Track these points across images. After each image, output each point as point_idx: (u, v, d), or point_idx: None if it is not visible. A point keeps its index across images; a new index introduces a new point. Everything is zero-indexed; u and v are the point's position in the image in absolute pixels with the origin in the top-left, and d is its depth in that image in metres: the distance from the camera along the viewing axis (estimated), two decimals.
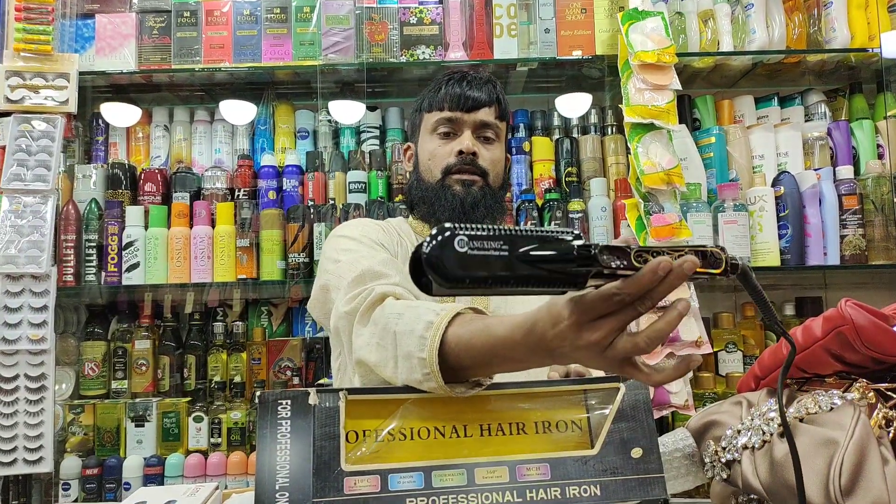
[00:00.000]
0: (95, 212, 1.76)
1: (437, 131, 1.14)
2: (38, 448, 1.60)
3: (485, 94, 1.12)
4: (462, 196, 1.09)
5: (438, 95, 1.14)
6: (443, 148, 1.12)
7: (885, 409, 0.66)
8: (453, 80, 1.14)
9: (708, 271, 0.57)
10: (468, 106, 1.11)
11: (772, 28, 1.77)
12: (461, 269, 0.49)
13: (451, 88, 1.13)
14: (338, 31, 1.80)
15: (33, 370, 1.61)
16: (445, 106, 1.12)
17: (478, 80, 1.14)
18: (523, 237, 0.51)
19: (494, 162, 1.14)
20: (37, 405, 1.61)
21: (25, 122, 1.68)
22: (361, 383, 0.83)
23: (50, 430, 1.61)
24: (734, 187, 1.69)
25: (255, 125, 1.93)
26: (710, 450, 0.77)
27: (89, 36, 1.80)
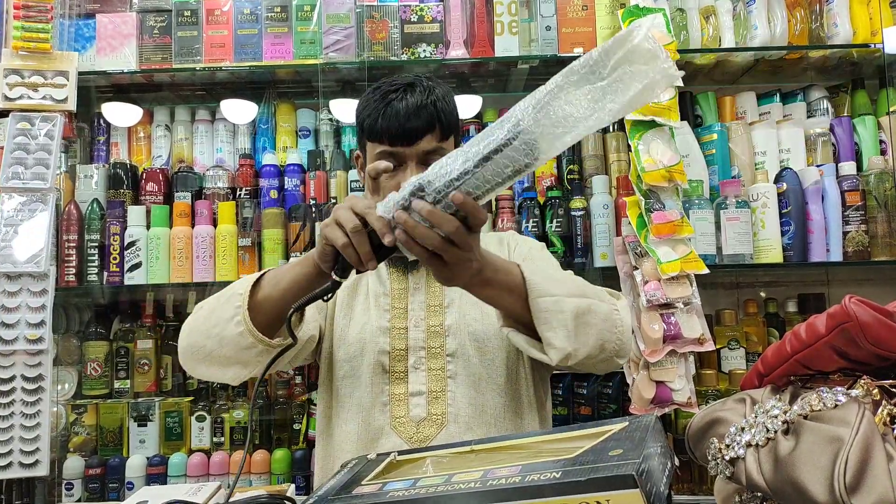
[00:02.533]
0: (97, 212, 1.76)
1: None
2: (35, 451, 1.57)
3: (423, 121, 1.03)
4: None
5: (377, 125, 1.04)
6: (390, 181, 1.04)
7: (889, 405, 0.66)
8: (390, 107, 1.04)
9: None
10: (408, 139, 1.03)
11: (773, 24, 1.76)
12: None
13: (388, 117, 1.03)
14: (338, 30, 1.80)
15: (30, 371, 1.59)
16: (385, 140, 1.05)
17: (414, 106, 1.03)
18: None
19: None
20: (33, 407, 1.58)
21: (24, 121, 1.67)
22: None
23: (47, 432, 1.59)
24: (736, 184, 1.69)
25: (257, 124, 1.93)
26: (714, 447, 0.76)
27: (90, 36, 1.80)
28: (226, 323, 0.90)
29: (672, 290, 1.53)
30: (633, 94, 0.62)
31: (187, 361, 0.97)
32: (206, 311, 0.95)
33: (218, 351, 0.92)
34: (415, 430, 1.05)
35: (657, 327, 1.52)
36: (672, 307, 1.55)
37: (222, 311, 0.92)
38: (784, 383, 0.80)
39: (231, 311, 0.90)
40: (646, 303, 1.53)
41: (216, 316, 0.92)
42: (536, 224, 1.73)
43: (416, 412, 1.05)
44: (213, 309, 0.94)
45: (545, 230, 1.74)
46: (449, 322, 1.09)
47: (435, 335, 1.09)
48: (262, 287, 0.92)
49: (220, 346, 0.92)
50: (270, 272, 0.93)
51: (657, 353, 1.53)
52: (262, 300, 0.91)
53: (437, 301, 1.11)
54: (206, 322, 0.93)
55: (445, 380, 1.07)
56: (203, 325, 0.94)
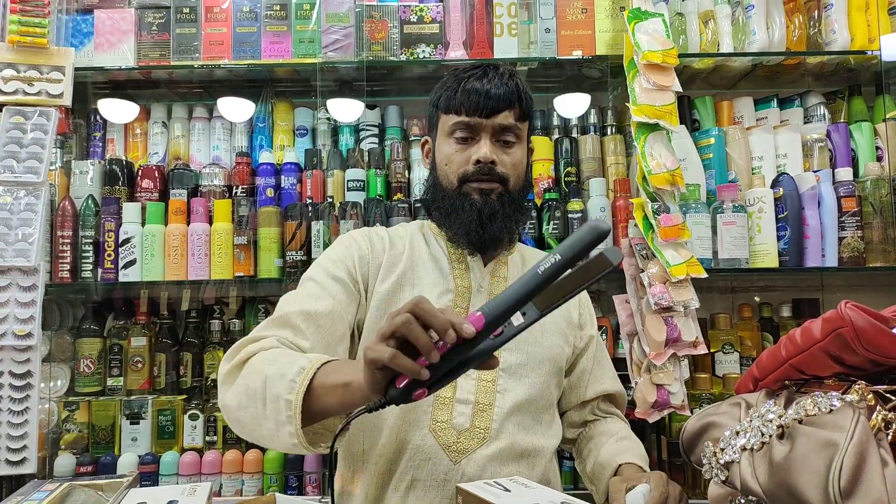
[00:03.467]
0: (92, 208, 1.76)
1: (455, 135, 1.08)
2: (22, 448, 1.56)
3: (504, 95, 1.05)
4: (479, 206, 1.06)
5: (456, 97, 1.06)
6: (460, 154, 1.07)
7: (884, 410, 0.66)
8: (472, 77, 1.07)
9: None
10: (486, 111, 1.05)
11: (772, 29, 1.77)
12: None
13: (468, 90, 1.05)
14: (338, 29, 1.80)
15: (18, 367, 1.57)
16: (462, 110, 1.05)
17: (498, 80, 1.06)
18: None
19: (515, 165, 1.09)
20: (21, 403, 1.56)
21: (18, 115, 1.66)
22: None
23: (35, 429, 1.57)
24: (733, 188, 1.69)
25: (254, 122, 1.93)
26: (709, 451, 0.76)
27: (88, 31, 1.79)
28: (276, 430, 0.83)
29: (678, 294, 1.53)
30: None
31: (232, 427, 0.94)
32: (252, 397, 0.87)
33: (269, 441, 0.87)
34: (455, 439, 1.01)
35: (661, 330, 1.52)
36: (672, 310, 1.55)
37: (269, 416, 0.84)
38: (779, 388, 0.80)
39: (282, 419, 0.82)
40: (653, 305, 1.53)
41: (268, 413, 0.84)
42: (533, 226, 1.73)
43: (459, 420, 1.01)
44: (259, 401, 0.85)
45: (542, 232, 1.74)
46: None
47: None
48: (314, 397, 0.82)
49: (271, 442, 0.87)
50: (320, 376, 0.82)
51: (661, 356, 1.53)
52: (311, 405, 0.83)
53: None
54: (258, 411, 0.86)
55: (495, 394, 1.04)
56: (254, 413, 0.86)
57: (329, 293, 1.03)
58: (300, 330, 0.97)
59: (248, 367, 0.90)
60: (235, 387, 0.90)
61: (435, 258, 1.12)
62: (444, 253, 1.12)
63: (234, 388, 0.91)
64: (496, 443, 1.02)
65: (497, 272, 1.12)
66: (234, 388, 0.91)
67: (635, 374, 1.58)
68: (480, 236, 1.07)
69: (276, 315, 1.00)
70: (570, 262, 0.65)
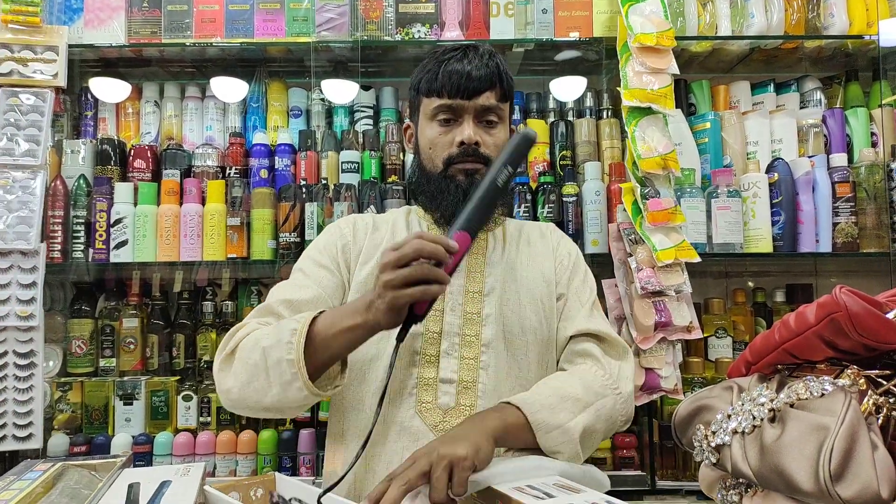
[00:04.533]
0: (84, 188, 1.74)
1: (437, 118, 1.08)
2: (28, 425, 1.60)
3: (485, 76, 1.05)
4: (465, 186, 1.06)
5: (437, 79, 1.06)
6: (443, 137, 1.07)
7: (875, 395, 0.67)
8: (452, 59, 1.06)
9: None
10: (468, 93, 1.04)
11: (770, 13, 1.76)
12: None
13: (449, 72, 1.05)
14: (332, 8, 1.77)
15: (22, 347, 1.60)
16: (444, 92, 1.05)
17: (478, 61, 1.05)
18: None
19: (498, 146, 1.08)
20: (26, 382, 1.60)
21: (14, 96, 1.65)
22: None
23: (39, 406, 1.61)
24: (728, 173, 1.69)
25: (248, 103, 1.91)
26: (700, 434, 0.77)
27: (77, 7, 1.76)
28: (283, 392, 0.90)
29: (666, 278, 1.53)
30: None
31: (236, 409, 0.98)
32: (253, 371, 0.92)
33: (276, 406, 0.92)
34: (441, 419, 1.01)
35: (649, 314, 1.53)
36: (663, 295, 1.56)
37: (274, 382, 0.90)
38: (771, 372, 0.80)
39: (287, 379, 0.89)
40: (640, 290, 1.53)
41: (272, 380, 0.90)
42: (528, 209, 1.73)
43: (444, 400, 1.02)
44: (261, 371, 0.91)
45: (536, 216, 1.74)
46: (487, 311, 1.06)
47: (471, 323, 1.05)
48: (314, 350, 0.89)
49: (280, 404, 0.92)
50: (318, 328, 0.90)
51: (649, 340, 1.53)
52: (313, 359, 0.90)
53: (477, 287, 1.08)
54: (261, 382, 0.91)
55: (478, 370, 1.03)
56: (258, 385, 0.91)
57: (315, 281, 1.06)
58: (283, 317, 1.00)
59: (241, 350, 0.95)
60: (233, 369, 0.94)
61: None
62: None
63: (231, 371, 0.95)
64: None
65: (474, 248, 1.11)
66: (231, 371, 0.95)
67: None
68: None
69: (261, 305, 1.05)
70: (517, 168, 0.86)
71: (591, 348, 1.06)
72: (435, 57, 1.10)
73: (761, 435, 0.68)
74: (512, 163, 0.85)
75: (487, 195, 0.85)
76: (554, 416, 0.93)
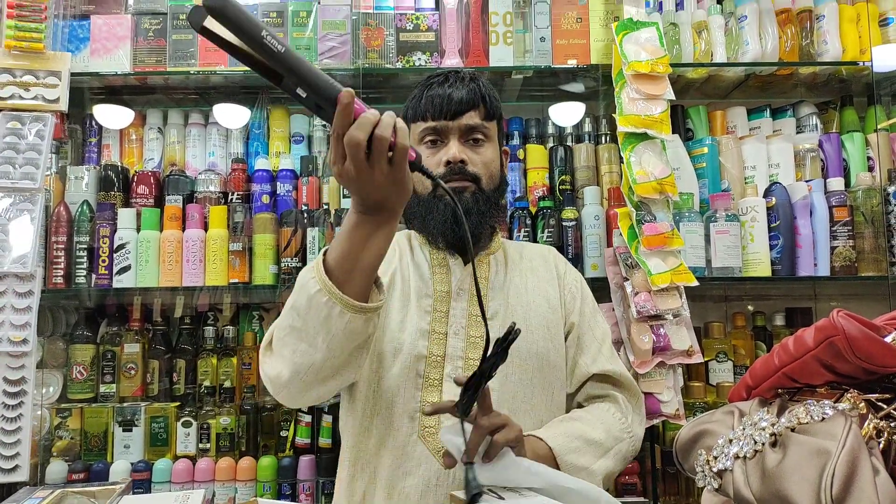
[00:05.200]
0: (87, 214, 1.75)
1: (424, 141, 1.10)
2: (15, 456, 1.54)
3: (467, 96, 1.07)
4: (452, 205, 1.05)
5: (421, 104, 1.09)
6: (431, 158, 1.09)
7: (875, 419, 0.67)
8: (434, 84, 1.10)
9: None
10: (451, 113, 1.07)
11: (765, 40, 1.79)
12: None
13: (431, 96, 1.08)
14: (334, 37, 1.80)
15: (13, 373, 1.56)
16: (428, 115, 1.08)
17: (459, 83, 1.09)
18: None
19: (486, 164, 1.10)
20: (14, 410, 1.55)
21: (14, 120, 1.65)
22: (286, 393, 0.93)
23: (27, 436, 1.55)
24: (726, 197, 1.70)
25: (250, 129, 1.93)
26: (702, 459, 0.77)
27: (84, 37, 1.79)
28: (328, 332, 0.83)
29: (662, 302, 1.53)
30: None
31: (294, 398, 0.93)
32: (292, 335, 0.87)
33: (330, 361, 0.86)
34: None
35: (646, 339, 1.53)
36: (661, 319, 1.56)
37: (313, 320, 0.84)
38: (772, 396, 0.80)
39: (324, 310, 0.82)
40: (636, 314, 1.54)
41: (312, 329, 0.85)
42: (528, 234, 1.74)
43: (447, 424, 1.00)
44: (300, 329, 0.86)
45: (536, 240, 1.75)
46: (491, 335, 1.06)
47: (475, 346, 1.05)
48: (338, 278, 0.83)
49: (332, 354, 0.86)
50: (331, 254, 0.85)
51: (646, 364, 1.53)
52: (341, 273, 0.84)
53: (479, 311, 1.08)
54: (305, 340, 0.86)
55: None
56: (303, 347, 0.86)
57: None
58: None
59: (276, 331, 0.92)
60: (275, 352, 0.91)
61: (417, 264, 1.13)
62: (426, 259, 1.13)
63: (274, 355, 0.91)
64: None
65: (478, 272, 1.12)
66: (274, 355, 0.91)
67: None
68: (456, 233, 1.07)
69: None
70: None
71: (611, 391, 1.12)
72: (420, 86, 1.13)
73: (763, 460, 0.68)
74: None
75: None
76: (580, 458, 0.99)
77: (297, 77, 0.72)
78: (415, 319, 1.06)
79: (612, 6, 1.80)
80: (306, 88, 0.73)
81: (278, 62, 0.70)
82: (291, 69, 0.71)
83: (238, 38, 0.68)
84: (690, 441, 0.82)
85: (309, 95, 0.73)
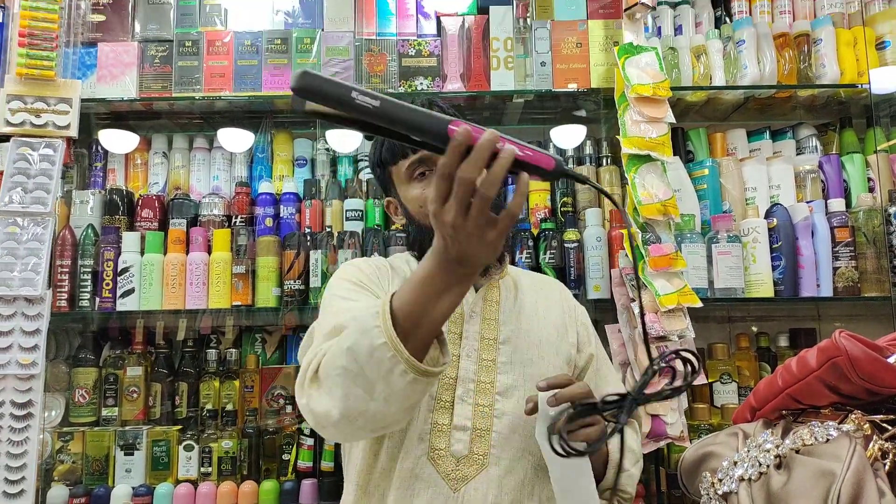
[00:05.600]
0: (92, 237, 1.76)
1: (414, 177, 1.07)
2: (21, 480, 1.54)
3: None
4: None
5: (395, 143, 1.06)
6: (428, 189, 1.06)
7: (880, 440, 0.66)
8: None
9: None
10: None
11: (763, 64, 1.81)
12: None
13: None
14: (337, 62, 1.83)
15: (20, 396, 1.56)
16: (409, 150, 1.06)
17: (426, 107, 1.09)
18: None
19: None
20: (21, 433, 1.55)
21: (25, 146, 1.68)
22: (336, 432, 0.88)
23: (34, 460, 1.55)
24: (727, 219, 1.71)
25: (254, 153, 1.95)
26: (707, 482, 0.76)
27: (91, 64, 1.82)
28: (387, 379, 0.78)
29: (669, 323, 1.53)
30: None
31: (343, 435, 0.90)
32: (346, 377, 0.81)
33: (386, 410, 0.81)
34: (454, 467, 1.00)
35: None
36: (667, 340, 1.55)
37: (372, 369, 0.78)
38: (776, 417, 0.80)
39: (386, 364, 0.77)
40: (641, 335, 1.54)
41: (371, 377, 0.79)
42: (530, 255, 1.75)
43: (457, 448, 1.00)
44: (355, 374, 0.80)
45: (538, 261, 1.75)
46: (503, 360, 1.06)
47: (486, 370, 1.05)
48: (403, 331, 0.78)
49: (390, 407, 0.81)
50: (400, 305, 0.78)
51: (654, 385, 1.52)
52: (406, 342, 0.78)
53: (492, 335, 1.08)
54: (360, 386, 0.80)
55: (492, 419, 1.02)
56: (358, 392, 0.81)
57: (364, 300, 1.01)
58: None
59: (324, 366, 0.85)
60: (324, 388, 0.84)
61: None
62: None
63: (324, 390, 0.84)
64: (496, 468, 1.01)
65: (489, 296, 1.12)
66: (324, 390, 0.84)
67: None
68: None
69: (325, 331, 0.94)
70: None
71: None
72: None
73: (768, 482, 0.68)
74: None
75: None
76: (627, 461, 1.07)
77: (403, 126, 0.66)
78: None
79: (611, 31, 1.83)
80: (416, 134, 0.66)
81: (378, 117, 0.65)
82: (393, 120, 0.65)
83: (335, 109, 0.65)
84: (695, 463, 0.82)
85: (423, 140, 0.67)
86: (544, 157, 0.70)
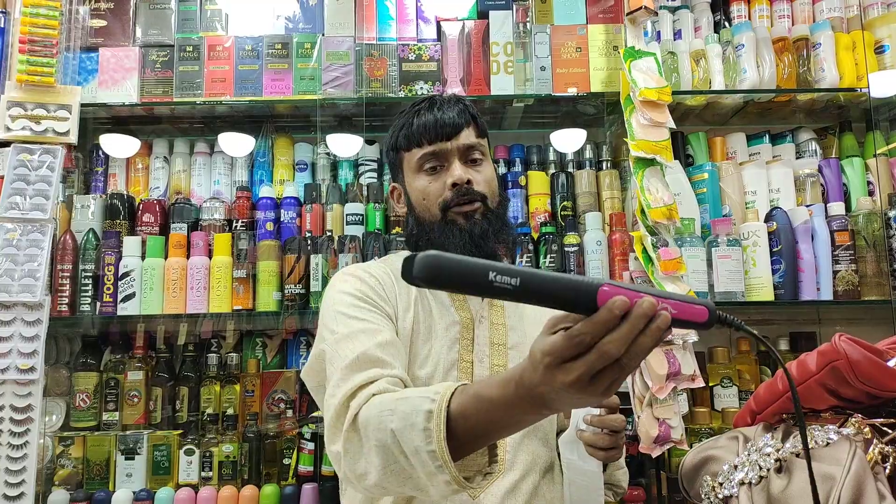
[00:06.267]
0: (93, 242, 1.77)
1: (424, 168, 1.08)
2: (20, 483, 1.54)
3: (458, 115, 1.07)
4: (468, 228, 1.05)
5: (414, 130, 1.07)
6: (434, 184, 1.07)
7: (880, 444, 0.67)
8: (422, 110, 1.09)
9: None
10: (448, 133, 1.06)
11: (762, 68, 1.81)
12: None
13: (424, 121, 1.06)
14: (338, 67, 1.83)
15: (20, 401, 1.56)
16: (424, 140, 1.07)
17: (446, 105, 1.08)
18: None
19: (488, 182, 1.09)
20: (21, 438, 1.55)
21: (25, 152, 1.68)
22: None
23: (33, 464, 1.55)
24: (727, 222, 1.71)
25: (255, 157, 1.95)
26: (707, 485, 0.76)
27: (92, 69, 1.82)
28: (429, 479, 0.76)
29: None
30: None
31: (373, 494, 0.91)
32: (387, 455, 0.79)
33: (422, 490, 0.80)
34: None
35: (663, 364, 1.52)
36: (672, 344, 1.56)
37: (417, 467, 0.76)
38: (776, 421, 0.80)
39: (431, 468, 0.74)
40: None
41: (413, 466, 0.76)
42: (530, 259, 1.75)
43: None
44: (397, 456, 0.78)
45: (539, 265, 1.75)
46: (512, 365, 1.06)
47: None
48: (456, 439, 0.74)
49: (426, 491, 0.79)
50: (462, 413, 0.73)
51: (663, 389, 1.52)
52: (456, 448, 0.74)
53: (500, 340, 1.08)
54: (400, 467, 0.78)
55: None
56: (396, 469, 0.78)
57: (377, 319, 1.00)
58: (385, 361, 0.92)
59: (365, 427, 0.82)
60: (364, 451, 0.82)
61: (433, 292, 1.12)
62: None
63: (363, 453, 0.82)
64: (511, 474, 1.01)
65: (493, 301, 1.12)
66: (363, 453, 0.82)
67: (637, 408, 1.57)
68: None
69: (348, 362, 0.92)
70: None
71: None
72: (404, 114, 1.12)
73: (768, 486, 0.68)
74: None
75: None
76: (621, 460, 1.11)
77: (547, 301, 0.57)
78: (444, 349, 1.04)
79: (611, 36, 1.84)
80: (561, 306, 0.57)
81: (517, 296, 0.56)
82: (534, 296, 0.56)
83: (468, 293, 0.59)
84: (695, 467, 0.82)
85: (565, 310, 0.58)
86: (697, 310, 0.59)
